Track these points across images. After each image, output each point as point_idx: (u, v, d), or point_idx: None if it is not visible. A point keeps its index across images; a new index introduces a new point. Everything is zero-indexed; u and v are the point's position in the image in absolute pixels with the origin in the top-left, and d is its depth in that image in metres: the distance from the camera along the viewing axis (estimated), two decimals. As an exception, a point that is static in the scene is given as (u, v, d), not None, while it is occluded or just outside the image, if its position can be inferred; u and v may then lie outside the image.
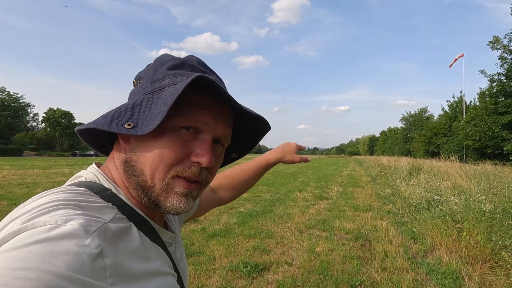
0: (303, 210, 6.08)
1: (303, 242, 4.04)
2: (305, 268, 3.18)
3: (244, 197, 7.23)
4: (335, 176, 14.42)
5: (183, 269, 0.54)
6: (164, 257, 0.47)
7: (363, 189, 9.39)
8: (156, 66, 0.47)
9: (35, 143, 59.70)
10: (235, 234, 4.29)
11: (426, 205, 4.97)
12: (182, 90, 0.38)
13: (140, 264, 0.39)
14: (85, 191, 0.40)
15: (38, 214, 0.33)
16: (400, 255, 3.48)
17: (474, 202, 4.01)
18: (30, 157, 42.04)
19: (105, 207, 0.39)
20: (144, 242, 0.42)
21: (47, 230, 0.30)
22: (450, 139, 30.50)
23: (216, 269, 3.09)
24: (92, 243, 0.32)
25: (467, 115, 24.44)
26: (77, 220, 0.32)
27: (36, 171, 13.56)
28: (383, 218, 5.31)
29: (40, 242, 0.29)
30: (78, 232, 0.31)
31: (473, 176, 6.33)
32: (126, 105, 0.44)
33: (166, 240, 0.49)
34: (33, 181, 10.05)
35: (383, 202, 7.03)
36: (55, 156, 49.36)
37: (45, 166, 18.48)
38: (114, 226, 0.37)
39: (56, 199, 0.36)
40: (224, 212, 5.63)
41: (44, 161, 27.14)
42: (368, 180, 12.20)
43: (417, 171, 9.50)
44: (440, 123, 35.36)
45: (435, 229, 3.93)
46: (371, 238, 4.20)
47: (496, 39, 20.92)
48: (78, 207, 0.36)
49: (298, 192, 8.54)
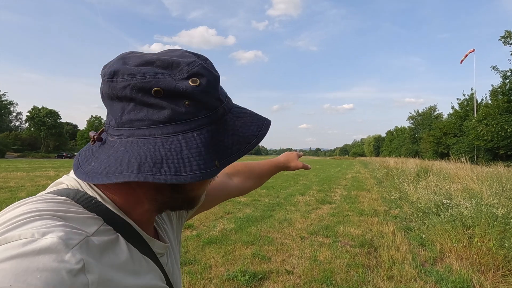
0: (304, 215, 6.09)
1: (305, 249, 4.04)
2: (307, 277, 3.18)
3: (242, 201, 7.24)
4: (338, 179, 14.45)
5: (176, 282, 0.54)
6: (155, 270, 0.46)
7: (368, 192, 9.41)
8: (209, 88, 0.41)
9: (19, 144, 59.48)
10: (233, 241, 4.29)
11: (435, 210, 4.98)
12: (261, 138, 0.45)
13: (129, 279, 0.39)
14: (65, 200, 0.39)
15: (12, 227, 0.32)
16: (408, 263, 3.49)
17: (486, 206, 4.03)
18: (13, 158, 41.90)
19: (88, 218, 0.38)
20: (133, 254, 0.42)
21: (22, 245, 0.29)
22: (460, 139, 30.66)
23: (212, 278, 3.08)
24: (73, 258, 0.30)
25: (479, 113, 24.57)
26: (56, 232, 0.31)
27: (20, 174, 13.51)
28: (390, 223, 5.32)
29: (14, 258, 0.28)
30: (57, 246, 0.30)
31: (484, 179, 6.36)
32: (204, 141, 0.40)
33: (157, 251, 0.48)
34: (16, 184, 10.01)
35: (389, 206, 7.05)
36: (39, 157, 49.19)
37: (29, 168, 18.41)
38: (98, 239, 0.36)
39: (33, 209, 0.34)
40: (221, 218, 5.63)
41: (28, 163, 27.04)
42: (374, 183, 12.23)
43: (425, 173, 9.53)
44: (450, 122, 35.54)
45: (444, 235, 3.94)
46: (376, 244, 4.21)
47: (508, 33, 21.05)
48: (58, 218, 0.34)
49: (300, 196, 8.55)
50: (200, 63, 0.41)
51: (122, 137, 0.39)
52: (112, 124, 0.41)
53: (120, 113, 0.39)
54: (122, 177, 0.35)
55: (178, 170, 0.36)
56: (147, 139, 0.38)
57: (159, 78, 0.38)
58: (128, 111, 0.38)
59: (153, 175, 0.35)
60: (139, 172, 0.35)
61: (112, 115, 0.40)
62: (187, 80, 0.39)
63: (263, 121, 0.47)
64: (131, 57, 0.41)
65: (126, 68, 0.38)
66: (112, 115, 0.41)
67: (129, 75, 0.37)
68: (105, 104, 0.42)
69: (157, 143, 0.37)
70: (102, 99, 0.42)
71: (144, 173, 0.35)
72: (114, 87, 0.38)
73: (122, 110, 0.39)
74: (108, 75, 0.38)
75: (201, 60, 0.42)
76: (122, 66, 0.39)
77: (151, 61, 0.39)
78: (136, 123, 0.38)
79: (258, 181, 0.93)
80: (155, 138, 0.38)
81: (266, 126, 0.47)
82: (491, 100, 24.36)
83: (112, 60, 0.41)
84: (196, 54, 0.43)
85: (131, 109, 0.38)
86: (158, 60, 0.39)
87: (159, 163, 0.36)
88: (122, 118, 0.39)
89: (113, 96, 0.39)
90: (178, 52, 0.43)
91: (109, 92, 0.39)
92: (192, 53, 0.43)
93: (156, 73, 0.38)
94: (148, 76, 0.37)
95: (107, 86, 0.39)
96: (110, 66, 0.40)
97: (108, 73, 0.39)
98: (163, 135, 0.38)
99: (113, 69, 0.38)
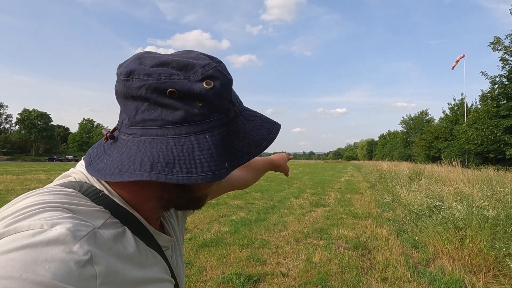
0: (299, 218, 6.10)
1: (300, 251, 4.05)
2: (302, 279, 3.18)
3: (236, 205, 7.22)
4: (332, 182, 14.51)
5: (180, 275, 0.54)
6: (161, 262, 0.47)
7: (361, 195, 9.47)
8: (222, 91, 0.41)
9: (8, 146, 58.46)
10: (227, 243, 4.27)
11: (428, 212, 5.04)
12: (271, 142, 0.46)
13: (136, 271, 0.39)
14: (73, 193, 0.39)
15: (22, 217, 0.32)
16: (401, 265, 3.52)
17: (477, 208, 4.10)
18: (3, 162, 41.12)
19: (96, 211, 0.38)
20: (140, 247, 0.42)
21: (32, 235, 0.30)
22: (451, 143, 31.13)
23: (207, 281, 3.07)
24: (81, 249, 0.31)
25: (469, 118, 25.03)
26: (64, 224, 0.32)
27: (9, 177, 13.26)
28: (383, 225, 5.36)
29: (24, 248, 0.28)
30: (65, 237, 0.30)
31: (475, 182, 6.48)
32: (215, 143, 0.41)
33: (163, 244, 0.48)
34: (5, 188, 9.82)
35: (382, 209, 7.10)
36: (30, 161, 48.40)
37: (19, 171, 18.08)
38: (105, 231, 0.37)
39: (41, 201, 0.35)
40: (215, 221, 5.61)
41: (18, 166, 26.56)
42: (367, 186, 12.31)
43: (418, 176, 9.64)
44: (441, 126, 36.11)
45: (437, 236, 3.99)
46: (370, 247, 4.24)
47: (497, 39, 21.58)
48: (66, 210, 0.35)
49: (294, 199, 8.56)
50: (214, 66, 0.41)
51: (135, 136, 0.40)
52: (125, 122, 0.41)
53: (134, 112, 0.39)
54: (135, 175, 0.36)
55: (189, 171, 0.37)
56: (160, 139, 0.38)
57: (174, 79, 0.38)
58: (142, 111, 0.39)
59: (165, 175, 0.36)
60: (152, 172, 0.36)
61: (126, 114, 0.41)
62: (201, 82, 0.39)
63: (273, 125, 0.48)
64: (147, 57, 0.41)
65: (142, 68, 0.39)
66: (126, 113, 0.41)
67: (145, 75, 0.38)
68: (119, 103, 0.42)
69: (170, 143, 0.38)
70: (116, 98, 0.43)
71: (157, 173, 0.36)
72: (129, 86, 0.39)
73: (136, 109, 0.39)
74: (124, 75, 0.39)
75: (215, 63, 0.42)
76: (138, 66, 0.39)
77: (167, 62, 0.40)
78: (149, 123, 0.39)
79: (256, 175, 0.97)
80: (167, 138, 0.38)
81: (276, 130, 0.48)
82: (480, 105, 24.86)
83: (127, 60, 0.42)
84: (210, 57, 0.44)
85: (145, 108, 0.39)
86: (174, 61, 0.40)
87: (171, 163, 0.37)
88: (136, 117, 0.39)
89: (128, 95, 0.40)
90: (193, 54, 0.43)
91: (124, 91, 0.40)
92: (207, 56, 0.44)
93: (171, 74, 0.39)
94: (164, 77, 0.38)
95: (122, 85, 0.40)
96: (126, 66, 0.40)
97: (124, 72, 0.39)
98: (176, 135, 0.38)
99: (129, 69, 0.39)
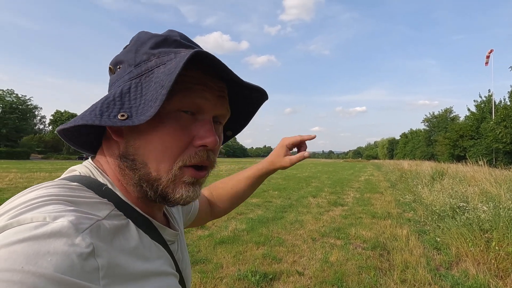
0: (316, 216, 6.01)
1: (316, 250, 3.99)
2: (318, 278, 3.13)
3: (254, 203, 7.22)
4: (351, 181, 14.21)
5: (185, 269, 0.54)
6: (166, 256, 0.46)
7: (381, 195, 9.21)
8: (136, 47, 0.44)
9: (42, 146, 61.59)
10: (244, 241, 4.28)
11: (451, 213, 4.82)
12: (180, 68, 0.36)
13: (139, 264, 0.39)
14: (77, 186, 0.40)
15: (25, 210, 0.32)
16: (422, 267, 3.38)
17: (504, 209, 3.87)
18: (37, 160, 43.40)
19: (100, 203, 0.38)
20: (143, 240, 0.42)
21: (34, 228, 0.29)
22: (478, 142, 29.62)
23: (223, 278, 3.08)
24: (83, 242, 0.31)
25: (497, 115, 23.70)
26: (67, 217, 0.32)
27: (43, 174, 13.98)
28: (403, 226, 5.18)
29: (26, 240, 0.28)
30: (67, 230, 0.30)
31: (503, 182, 6.10)
32: (112, 94, 0.41)
33: (168, 238, 0.48)
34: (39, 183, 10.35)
35: (403, 209, 6.88)
36: (61, 159, 50.74)
37: (51, 169, 19.03)
38: (109, 223, 0.36)
39: (45, 194, 0.35)
40: (233, 218, 5.63)
41: (51, 164, 27.96)
42: (387, 186, 11.96)
43: (440, 176, 9.26)
44: (466, 124, 34.37)
45: (460, 238, 3.80)
46: (389, 247, 4.10)
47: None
48: (70, 203, 0.35)
49: (311, 198, 8.46)
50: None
51: None
52: None
53: None
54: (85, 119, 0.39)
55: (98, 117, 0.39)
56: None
57: None
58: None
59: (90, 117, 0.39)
60: (90, 115, 0.39)
61: None
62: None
63: (183, 58, 0.38)
64: None
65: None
66: None
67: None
68: None
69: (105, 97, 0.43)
70: None
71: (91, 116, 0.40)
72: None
73: None
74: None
75: None
76: None
77: None
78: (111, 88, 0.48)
79: (239, 199, 0.86)
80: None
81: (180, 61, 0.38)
82: (510, 101, 23.48)
83: None
84: None
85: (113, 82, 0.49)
86: None
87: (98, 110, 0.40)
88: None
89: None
90: None
91: None
92: None
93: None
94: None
95: None
96: None
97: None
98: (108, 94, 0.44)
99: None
